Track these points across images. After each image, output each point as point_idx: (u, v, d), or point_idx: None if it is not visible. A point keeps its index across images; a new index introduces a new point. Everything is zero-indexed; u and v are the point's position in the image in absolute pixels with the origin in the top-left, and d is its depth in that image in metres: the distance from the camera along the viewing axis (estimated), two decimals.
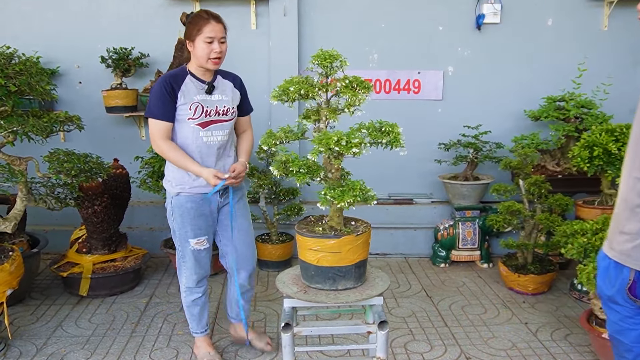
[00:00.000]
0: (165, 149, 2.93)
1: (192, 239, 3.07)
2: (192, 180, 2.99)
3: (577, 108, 4.64)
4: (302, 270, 2.58)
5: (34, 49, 4.86)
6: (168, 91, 2.88)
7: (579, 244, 3.35)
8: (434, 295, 4.36)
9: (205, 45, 2.87)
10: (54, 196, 3.83)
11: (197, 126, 2.95)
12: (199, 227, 3.08)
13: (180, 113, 2.93)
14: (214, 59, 2.90)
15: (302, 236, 2.49)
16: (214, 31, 2.87)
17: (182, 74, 2.97)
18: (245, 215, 3.26)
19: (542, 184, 4.23)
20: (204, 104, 2.95)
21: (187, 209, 3.03)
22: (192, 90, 2.94)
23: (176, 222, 3.07)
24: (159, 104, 2.89)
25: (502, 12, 5.04)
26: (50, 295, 4.33)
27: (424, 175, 5.30)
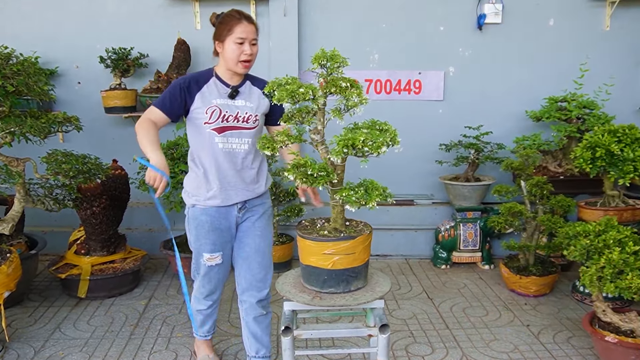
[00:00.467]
0: (140, 124, 2.69)
1: (205, 253, 2.90)
2: (206, 192, 2.82)
3: (579, 109, 4.61)
4: (311, 276, 2.46)
5: (33, 49, 4.84)
6: (183, 89, 2.74)
7: (582, 245, 3.32)
8: (435, 297, 4.33)
9: (236, 47, 2.70)
10: (52, 197, 3.81)
11: (212, 131, 2.75)
12: (213, 242, 2.88)
13: (196, 117, 2.77)
14: (244, 62, 2.73)
15: (315, 241, 2.39)
16: (246, 32, 2.70)
17: (207, 76, 2.82)
18: (266, 235, 3.00)
19: (544, 185, 4.20)
20: (223, 109, 2.76)
21: (202, 222, 2.86)
22: (213, 92, 2.77)
23: (191, 234, 2.93)
24: (166, 97, 2.75)
25: (503, 12, 5.01)
26: (49, 297, 4.30)
27: (425, 176, 5.27)
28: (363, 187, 2.36)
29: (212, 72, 2.83)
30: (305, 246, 2.45)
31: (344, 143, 2.28)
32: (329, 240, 2.40)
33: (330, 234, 2.44)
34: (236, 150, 2.81)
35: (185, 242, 3.14)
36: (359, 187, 2.36)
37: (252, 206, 2.93)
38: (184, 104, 2.76)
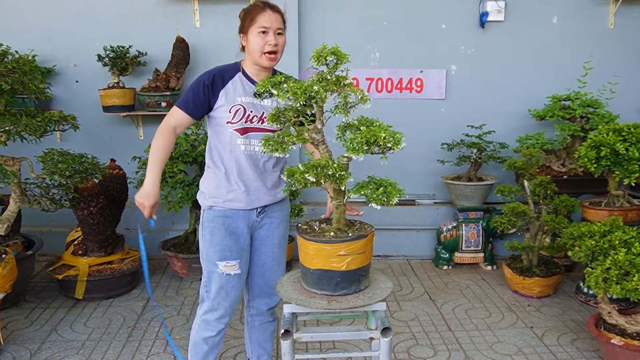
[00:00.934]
0: (158, 133, 2.55)
1: (219, 260, 2.64)
2: (226, 193, 2.62)
3: (583, 107, 4.55)
4: (322, 280, 2.38)
5: (30, 47, 4.78)
6: (207, 86, 2.54)
7: (587, 246, 3.27)
8: (437, 298, 4.27)
9: (259, 37, 2.50)
10: (48, 197, 3.75)
11: (235, 132, 2.56)
12: (229, 247, 2.64)
13: (218, 116, 2.58)
14: (269, 53, 2.52)
15: (330, 244, 2.31)
16: (269, 21, 2.51)
17: (234, 70, 2.62)
18: (283, 243, 2.86)
19: (547, 185, 4.14)
20: (248, 108, 2.57)
21: (218, 225, 2.63)
22: (238, 89, 2.58)
23: (205, 240, 2.67)
24: (189, 95, 2.56)
25: (506, 9, 4.94)
26: (46, 298, 4.24)
27: (427, 176, 5.21)
28: (376, 185, 2.30)
29: (238, 67, 2.63)
30: (315, 250, 2.34)
31: (365, 139, 2.21)
32: (343, 241, 2.32)
33: (339, 235, 2.38)
34: (259, 153, 2.61)
35: (183, 242, 3.06)
36: (369, 185, 2.29)
37: (271, 212, 2.75)
38: (208, 102, 2.58)
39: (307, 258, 2.37)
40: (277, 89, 2.32)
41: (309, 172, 2.21)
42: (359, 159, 2.19)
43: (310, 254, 2.35)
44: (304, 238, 2.36)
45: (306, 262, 2.39)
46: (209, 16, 4.91)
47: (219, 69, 2.61)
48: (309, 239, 2.35)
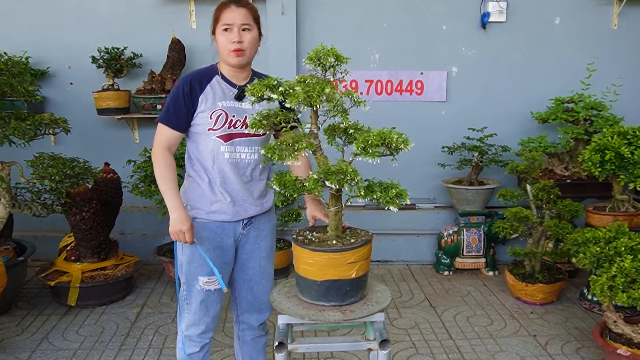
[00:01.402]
0: (155, 159, 2.42)
1: (202, 276, 2.49)
2: (210, 204, 2.47)
3: (587, 110, 4.46)
4: (330, 291, 2.29)
5: (23, 49, 4.72)
6: (186, 93, 2.38)
7: (592, 253, 3.18)
8: (438, 305, 4.18)
9: (224, 36, 2.36)
10: (40, 202, 3.67)
11: (218, 139, 2.41)
12: (212, 262, 2.48)
13: (199, 122, 2.42)
14: (234, 51, 2.35)
15: (339, 252, 2.21)
16: (232, 17, 2.34)
17: (210, 74, 2.46)
18: (271, 256, 2.71)
19: (550, 189, 4.05)
20: (230, 112, 2.42)
21: (201, 238, 2.46)
22: (217, 94, 2.43)
23: (185, 254, 2.50)
24: (170, 108, 2.41)
25: (507, 10, 4.86)
26: (38, 305, 4.15)
27: (427, 180, 5.11)
28: (383, 188, 2.20)
29: (215, 70, 2.48)
30: (325, 260, 2.21)
31: (378, 141, 2.12)
32: (352, 248, 2.23)
33: (344, 243, 2.30)
34: (245, 161, 2.48)
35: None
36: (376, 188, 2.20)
37: (258, 223, 2.60)
38: (190, 111, 2.42)
39: (312, 270, 2.23)
40: (274, 91, 2.22)
41: (330, 179, 2.10)
42: (375, 162, 2.10)
43: (317, 266, 2.22)
44: (311, 250, 2.22)
45: (311, 275, 2.24)
46: (205, 17, 4.82)
47: (195, 73, 2.48)
48: (317, 249, 2.22)
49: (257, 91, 2.20)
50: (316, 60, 2.28)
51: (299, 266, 2.28)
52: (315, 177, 2.14)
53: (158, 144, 2.43)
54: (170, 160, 2.42)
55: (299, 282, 2.32)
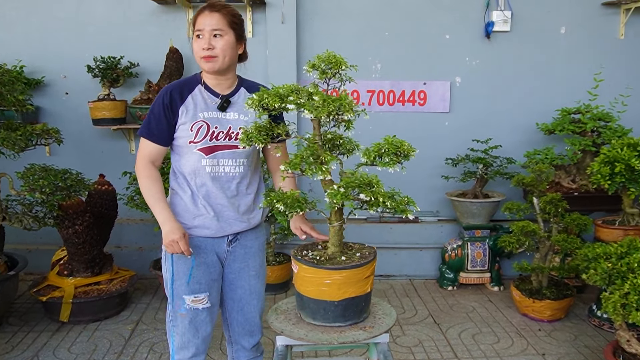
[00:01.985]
0: (139, 174, 2.32)
1: (187, 295, 2.36)
2: (192, 218, 2.34)
3: (594, 121, 4.35)
4: (348, 310, 2.18)
5: (18, 58, 4.63)
6: (166, 105, 2.27)
7: (603, 269, 3.05)
8: (442, 321, 4.05)
9: (196, 42, 2.28)
10: (31, 215, 3.54)
11: (199, 152, 2.29)
12: (198, 280, 2.36)
13: (180, 135, 2.31)
14: (204, 57, 2.26)
15: (359, 267, 2.13)
16: (203, 23, 2.26)
17: (192, 83, 2.35)
18: (261, 275, 2.56)
19: (558, 202, 3.93)
20: (212, 124, 2.31)
21: (184, 255, 2.32)
22: (199, 104, 2.31)
23: (169, 271, 2.38)
24: (151, 122, 2.31)
25: (512, 19, 4.76)
26: (29, 320, 4.02)
27: (430, 192, 4.99)
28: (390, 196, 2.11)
29: (198, 79, 2.37)
30: (344, 278, 2.11)
31: (394, 149, 2.03)
32: (368, 261, 2.16)
33: (352, 258, 2.20)
34: (229, 174, 2.36)
35: None
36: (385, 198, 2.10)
37: (245, 240, 2.48)
38: (172, 124, 2.31)
39: (329, 291, 2.11)
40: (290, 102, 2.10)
41: (364, 192, 2.02)
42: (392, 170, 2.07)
43: (336, 285, 2.11)
44: (329, 269, 2.10)
45: (328, 295, 2.12)
46: None
47: (176, 83, 2.37)
48: (336, 268, 2.11)
49: (272, 102, 2.08)
50: (322, 67, 2.18)
51: (309, 289, 2.15)
52: (342, 190, 2.03)
53: (141, 159, 2.34)
54: (154, 173, 2.32)
55: (307, 305, 2.18)
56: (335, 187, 2.05)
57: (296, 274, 2.19)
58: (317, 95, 2.09)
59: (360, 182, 2.03)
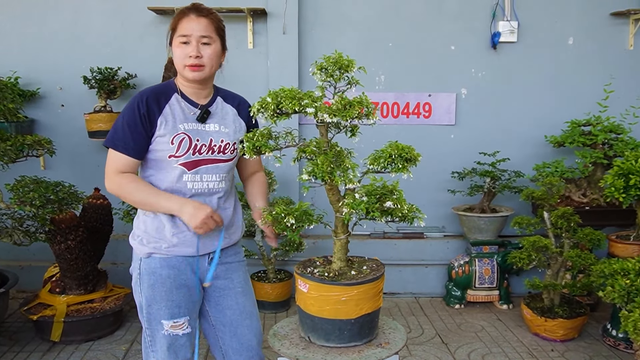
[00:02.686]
0: (118, 185, 2.08)
1: (166, 320, 2.16)
2: (170, 236, 2.15)
3: (605, 133, 4.22)
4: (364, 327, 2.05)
5: (13, 69, 4.52)
6: (142, 114, 2.06)
7: (621, 286, 2.91)
8: (450, 341, 3.88)
9: (180, 49, 2.10)
10: (22, 229, 3.39)
11: (181, 167, 2.12)
12: (177, 304, 2.17)
13: (157, 148, 2.11)
14: (191, 66, 2.09)
15: (374, 281, 2.03)
16: (191, 28, 2.08)
17: (169, 91, 2.16)
18: (248, 292, 2.38)
19: (570, 217, 3.77)
20: (193, 136, 2.13)
21: (162, 277, 2.15)
22: (178, 115, 2.13)
23: (144, 296, 2.17)
24: (124, 131, 2.07)
25: (519, 30, 4.66)
26: (20, 340, 3.85)
27: (436, 207, 4.84)
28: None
29: (174, 87, 2.19)
30: (361, 294, 2.00)
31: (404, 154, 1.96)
32: (381, 274, 2.08)
33: (362, 271, 2.08)
34: (212, 189, 2.20)
35: None
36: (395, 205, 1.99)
37: (225, 257, 2.31)
38: (148, 133, 2.10)
39: (346, 308, 1.99)
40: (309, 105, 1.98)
41: (391, 199, 1.94)
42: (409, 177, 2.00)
43: (353, 301, 1.99)
44: (345, 285, 1.98)
45: (344, 314, 2.00)
46: None
47: (151, 90, 2.15)
48: (353, 283, 1.99)
49: (292, 105, 1.95)
50: (330, 69, 2.06)
51: (324, 308, 2.00)
52: (365, 199, 1.92)
53: (111, 173, 2.10)
54: (136, 177, 2.12)
55: (320, 327, 2.04)
56: (357, 196, 1.92)
57: (305, 294, 2.04)
58: (336, 97, 2.01)
59: (385, 190, 1.91)
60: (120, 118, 2.10)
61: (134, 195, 2.10)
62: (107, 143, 2.11)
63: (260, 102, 2.00)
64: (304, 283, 2.04)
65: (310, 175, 1.94)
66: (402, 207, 1.92)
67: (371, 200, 1.91)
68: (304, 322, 2.11)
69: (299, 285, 2.08)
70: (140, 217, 2.23)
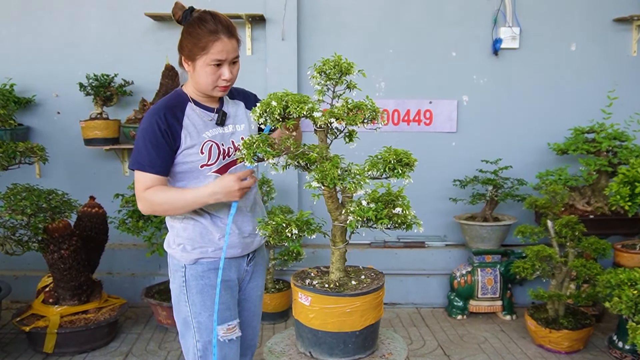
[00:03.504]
0: (150, 200, 2.04)
1: (220, 324, 2.11)
2: (217, 239, 2.13)
3: (609, 140, 4.15)
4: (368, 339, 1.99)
5: (8, 76, 4.46)
6: (164, 131, 2.02)
7: (628, 297, 2.83)
8: (453, 354, 3.78)
9: (211, 70, 2.03)
10: (14, 239, 3.31)
11: (214, 174, 2.11)
12: (227, 306, 2.14)
13: (187, 160, 2.08)
14: (222, 87, 2.09)
15: (377, 291, 1.99)
16: (225, 51, 2.02)
17: (181, 102, 2.11)
18: (262, 296, 2.43)
19: (575, 226, 3.69)
20: (219, 141, 2.12)
21: (211, 280, 2.13)
22: (198, 124, 2.09)
23: (194, 305, 2.13)
24: (149, 151, 2.02)
25: (521, 36, 4.59)
26: (12, 352, 3.77)
27: (438, 216, 4.76)
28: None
29: (185, 96, 2.14)
30: (366, 304, 1.95)
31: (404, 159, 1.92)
32: (382, 283, 2.04)
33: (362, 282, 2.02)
34: (248, 192, 2.20)
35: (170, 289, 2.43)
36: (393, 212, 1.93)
37: (258, 258, 2.33)
38: (173, 148, 2.06)
39: (351, 320, 1.94)
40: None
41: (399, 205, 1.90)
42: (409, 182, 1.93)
43: (358, 312, 1.94)
44: (351, 296, 1.93)
45: (349, 326, 1.95)
46: None
47: (165, 105, 2.09)
48: (358, 293, 1.94)
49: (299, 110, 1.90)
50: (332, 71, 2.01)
51: (328, 321, 1.94)
52: (373, 206, 1.86)
53: (144, 190, 2.05)
54: (162, 186, 2.07)
55: (324, 341, 1.97)
56: (365, 203, 1.86)
57: (307, 307, 1.97)
58: (341, 100, 1.97)
59: (392, 196, 1.85)
60: (141, 139, 2.04)
61: (165, 204, 2.06)
62: (133, 166, 2.06)
63: (263, 105, 1.93)
64: (305, 296, 1.97)
65: (319, 183, 1.87)
66: (409, 213, 1.85)
67: (379, 207, 1.84)
68: (304, 336, 2.03)
69: (298, 298, 2.01)
70: (177, 225, 2.18)
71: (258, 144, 1.93)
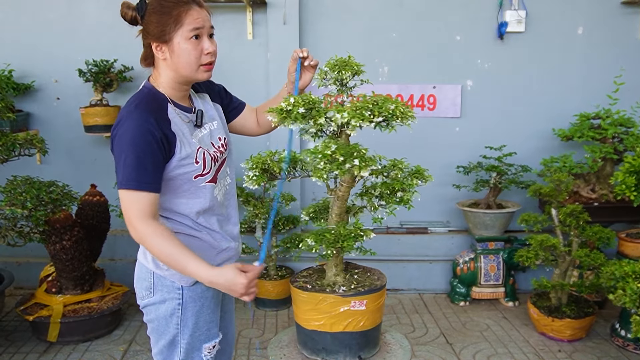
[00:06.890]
0: (145, 236, 1.72)
1: (207, 342, 1.97)
2: (215, 254, 1.95)
3: (615, 126, 4.09)
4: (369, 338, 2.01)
5: (6, 62, 4.40)
6: (159, 139, 1.73)
7: (632, 290, 2.81)
8: (455, 341, 3.79)
9: (191, 45, 1.77)
10: (15, 230, 3.30)
11: (209, 184, 1.89)
12: (215, 322, 2.00)
13: (181, 172, 1.83)
14: (207, 64, 1.83)
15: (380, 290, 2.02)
16: (202, 18, 1.79)
17: (162, 104, 1.83)
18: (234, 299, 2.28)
19: (579, 214, 3.67)
20: (204, 145, 1.89)
21: (208, 299, 1.95)
22: (183, 128, 1.83)
23: (187, 326, 1.93)
24: (145, 165, 1.70)
25: (527, 20, 4.51)
26: (16, 340, 3.78)
27: (440, 202, 4.73)
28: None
29: (162, 95, 1.85)
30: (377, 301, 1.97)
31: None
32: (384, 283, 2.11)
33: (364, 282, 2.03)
34: (231, 192, 2.04)
35: None
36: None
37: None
38: (166, 161, 1.79)
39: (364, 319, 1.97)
40: None
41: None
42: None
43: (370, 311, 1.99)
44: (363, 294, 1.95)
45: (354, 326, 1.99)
46: None
47: (148, 108, 1.77)
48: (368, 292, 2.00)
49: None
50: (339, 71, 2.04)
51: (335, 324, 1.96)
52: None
53: (138, 219, 1.71)
54: (161, 228, 1.74)
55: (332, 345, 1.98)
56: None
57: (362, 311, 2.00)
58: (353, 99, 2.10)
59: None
60: (131, 152, 1.69)
61: (159, 253, 1.74)
62: (130, 185, 1.69)
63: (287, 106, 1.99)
64: (360, 301, 1.97)
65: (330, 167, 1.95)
66: None
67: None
68: (310, 341, 2.04)
69: (352, 306, 1.99)
70: None
71: None
